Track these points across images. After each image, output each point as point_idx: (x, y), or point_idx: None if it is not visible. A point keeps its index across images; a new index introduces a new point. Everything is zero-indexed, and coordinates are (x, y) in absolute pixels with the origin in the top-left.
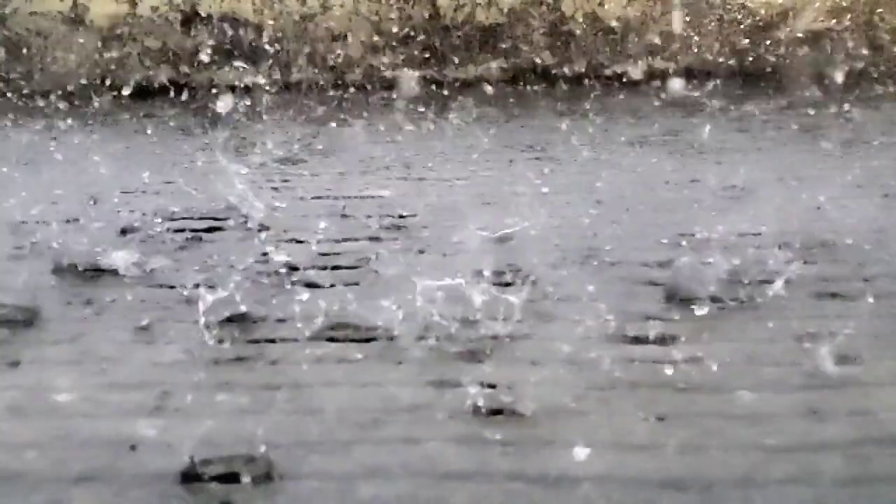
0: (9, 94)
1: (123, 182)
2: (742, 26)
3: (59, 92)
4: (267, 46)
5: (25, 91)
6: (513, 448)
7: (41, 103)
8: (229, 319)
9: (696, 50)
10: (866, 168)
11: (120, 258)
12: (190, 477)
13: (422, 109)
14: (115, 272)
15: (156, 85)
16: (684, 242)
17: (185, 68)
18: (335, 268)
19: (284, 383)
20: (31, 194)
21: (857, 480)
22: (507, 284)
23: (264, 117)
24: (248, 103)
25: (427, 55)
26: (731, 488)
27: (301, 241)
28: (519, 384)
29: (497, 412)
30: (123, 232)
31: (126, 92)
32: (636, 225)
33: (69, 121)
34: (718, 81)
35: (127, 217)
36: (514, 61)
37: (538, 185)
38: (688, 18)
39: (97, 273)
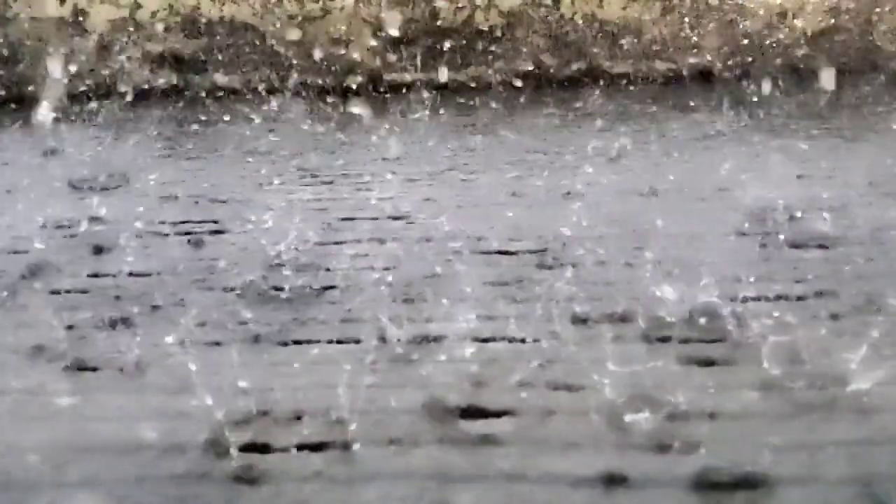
0: (9, 99)
1: (125, 186)
2: (741, 27)
3: (60, 96)
4: (267, 50)
5: (26, 96)
6: (514, 448)
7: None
8: (230, 321)
9: (695, 51)
10: (866, 167)
11: (120, 260)
12: (193, 479)
13: (422, 112)
14: (115, 275)
15: (156, 89)
16: (687, 242)
17: (185, 73)
18: (336, 269)
19: (286, 385)
20: (30, 199)
21: (860, 480)
22: (506, 284)
23: (265, 120)
24: (249, 107)
25: (426, 58)
26: (735, 488)
27: (302, 242)
28: (520, 384)
29: (498, 412)
30: (123, 235)
31: (126, 97)
32: (637, 225)
33: (69, 125)
34: (718, 82)
35: (127, 220)
36: (513, 63)
37: (538, 186)
38: (687, 19)
39: (97, 275)
